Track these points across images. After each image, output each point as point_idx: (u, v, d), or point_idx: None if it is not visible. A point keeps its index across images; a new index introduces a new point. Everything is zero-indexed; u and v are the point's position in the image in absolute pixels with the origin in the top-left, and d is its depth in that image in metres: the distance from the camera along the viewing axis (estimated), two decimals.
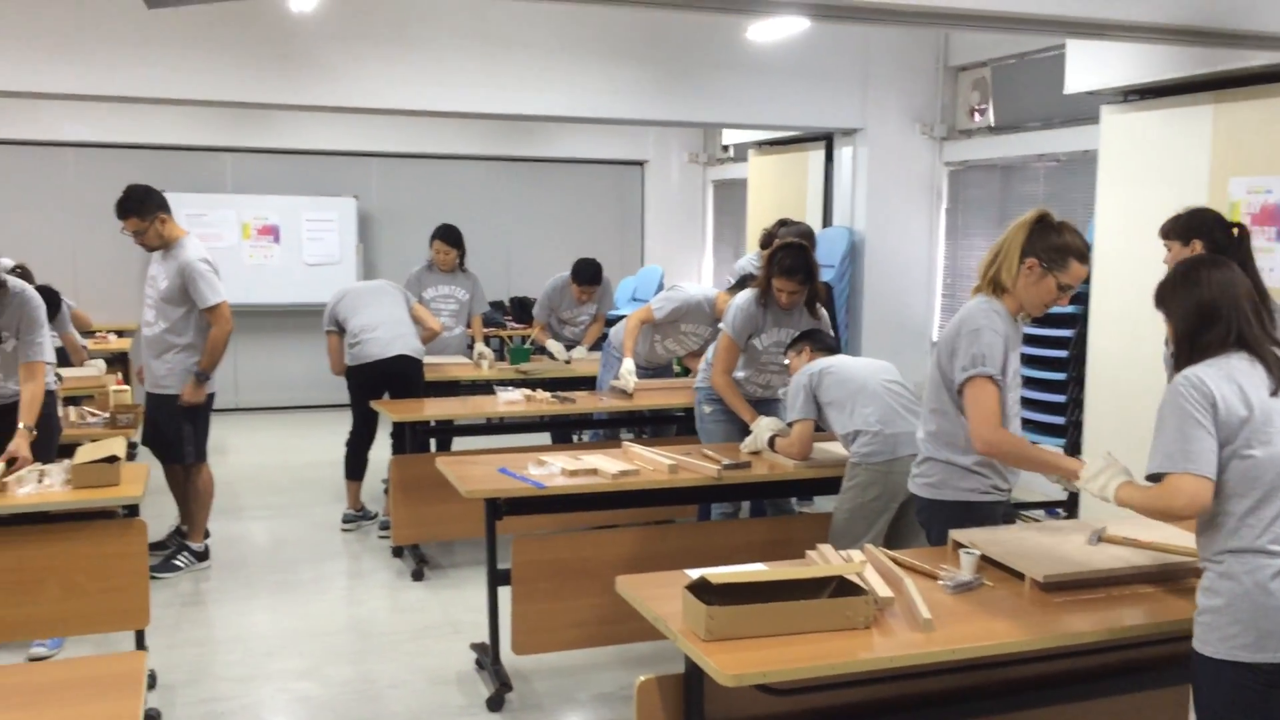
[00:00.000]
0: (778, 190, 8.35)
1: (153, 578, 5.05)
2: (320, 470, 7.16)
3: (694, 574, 2.74)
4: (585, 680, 4.08)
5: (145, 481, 3.75)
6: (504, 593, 3.90)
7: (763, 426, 4.27)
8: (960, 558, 2.79)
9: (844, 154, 7.51)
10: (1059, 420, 5.48)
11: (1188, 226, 3.79)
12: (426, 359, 6.00)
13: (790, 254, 4.44)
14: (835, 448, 4.18)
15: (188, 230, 5.26)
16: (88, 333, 7.18)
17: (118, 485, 3.61)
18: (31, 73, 5.89)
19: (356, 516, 6.00)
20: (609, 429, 6.10)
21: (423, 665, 4.20)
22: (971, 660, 2.55)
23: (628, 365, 5.41)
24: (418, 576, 5.19)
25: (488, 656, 4.03)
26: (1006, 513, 3.19)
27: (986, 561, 2.80)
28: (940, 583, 2.70)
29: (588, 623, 3.89)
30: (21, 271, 6.77)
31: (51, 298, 5.80)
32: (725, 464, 3.99)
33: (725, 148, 10.06)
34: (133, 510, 3.65)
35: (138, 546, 3.65)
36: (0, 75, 5.86)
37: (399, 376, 5.75)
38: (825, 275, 7.07)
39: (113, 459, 3.62)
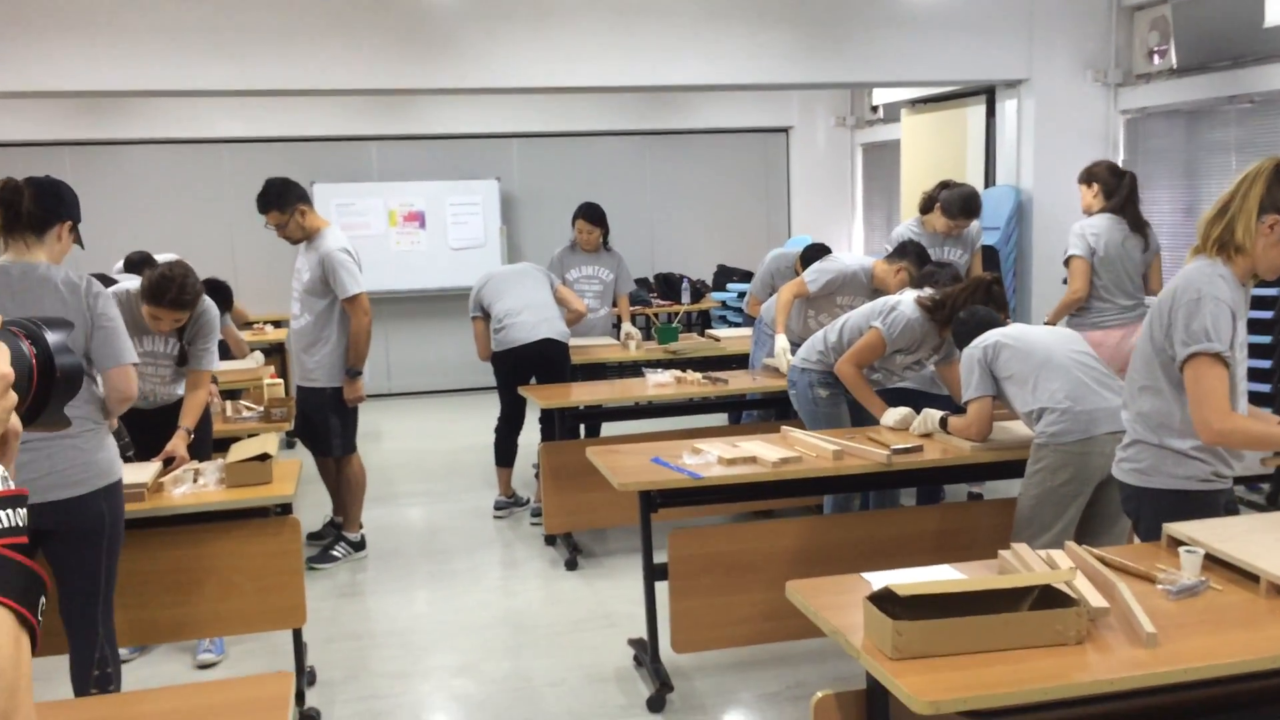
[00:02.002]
0: (934, 150, 7.89)
1: (310, 569, 5.11)
2: (473, 455, 7.14)
3: (872, 578, 2.49)
4: (749, 679, 3.86)
5: (297, 479, 3.69)
6: (662, 587, 3.71)
7: (899, 416, 4.01)
8: (1181, 557, 2.44)
9: (1007, 107, 7.02)
10: (1264, 388, 4.96)
11: (1090, 172, 5.23)
12: (572, 341, 5.87)
13: (999, 287, 4.11)
14: (1017, 427, 3.83)
15: (329, 221, 5.21)
16: (245, 325, 7.30)
17: (270, 483, 3.56)
18: (182, 72, 5.99)
19: (508, 503, 5.92)
20: (764, 410, 5.83)
21: (579, 661, 4.06)
22: (1202, 679, 2.22)
23: (781, 343, 5.14)
24: (571, 566, 5.06)
25: (646, 654, 3.85)
26: (1229, 502, 2.81)
27: (1212, 561, 2.45)
28: (1159, 587, 2.37)
29: (750, 619, 3.66)
30: (180, 262, 6.93)
31: (223, 291, 5.89)
32: (895, 448, 3.69)
33: (875, 108, 9.61)
34: (286, 508, 3.59)
35: (292, 545, 3.60)
36: (153, 75, 5.98)
37: (545, 361, 5.63)
38: (989, 238, 6.63)
39: (264, 457, 3.57)
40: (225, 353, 6.22)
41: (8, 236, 3.02)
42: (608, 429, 6.10)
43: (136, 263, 6.27)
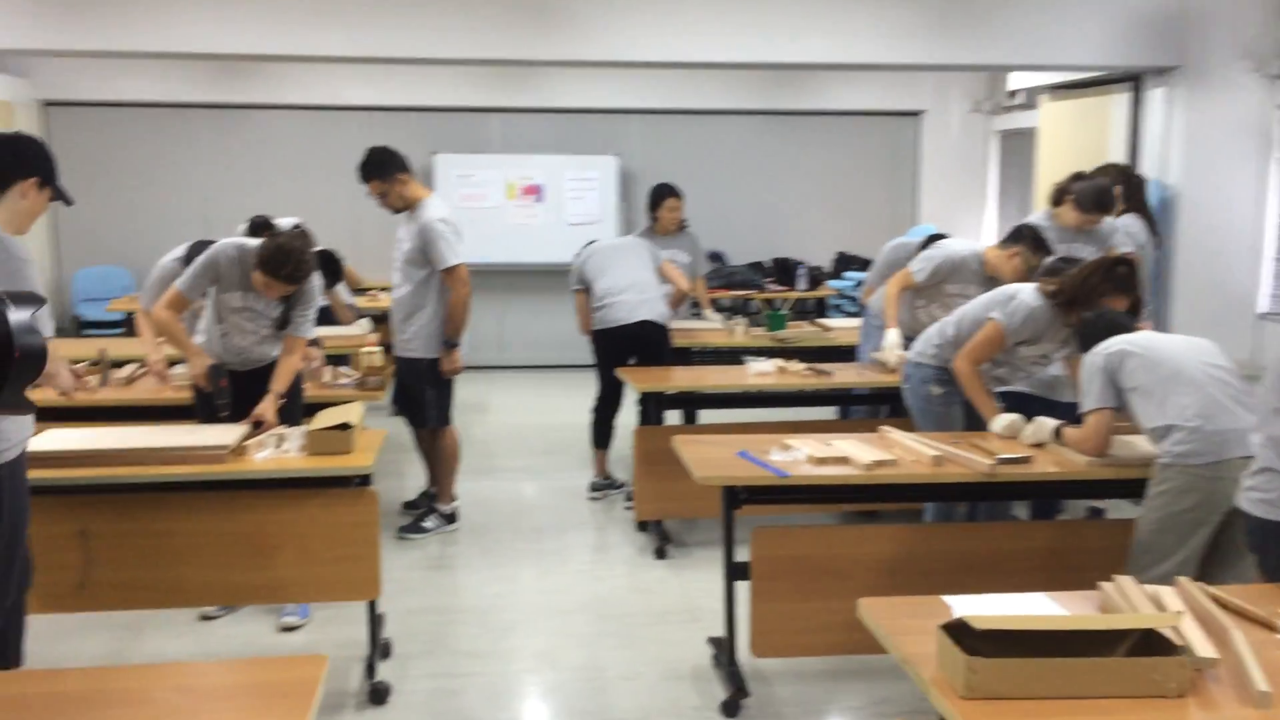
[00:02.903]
0: (1073, 140, 7.46)
1: (402, 538, 5.12)
2: (577, 432, 7.03)
3: (954, 602, 2.29)
4: (832, 690, 3.68)
5: (378, 450, 3.65)
6: (744, 587, 3.56)
7: (1008, 421, 3.75)
8: None
9: (1155, 96, 6.57)
10: None
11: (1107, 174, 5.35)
12: (676, 324, 5.73)
13: (1130, 270, 3.79)
14: (1140, 442, 3.54)
15: (432, 191, 5.18)
16: (359, 290, 7.37)
17: (349, 454, 3.53)
18: (304, 37, 6.05)
19: (603, 485, 5.83)
20: (871, 405, 5.59)
21: (657, 656, 3.94)
22: None
23: (892, 337, 4.90)
24: (660, 554, 4.94)
25: (724, 655, 3.70)
26: None
27: None
28: None
29: (834, 628, 3.47)
30: (300, 232, 7.01)
31: (333, 264, 5.93)
32: (1000, 457, 3.45)
33: (1013, 93, 9.15)
34: (365, 479, 3.56)
35: (368, 516, 3.56)
36: (279, 40, 6.06)
37: (644, 342, 5.50)
38: None
39: (345, 426, 3.53)
40: (329, 318, 6.30)
41: None
42: (706, 416, 5.95)
43: (259, 226, 6.36)
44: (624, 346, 5.53)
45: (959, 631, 1.97)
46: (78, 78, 8.83)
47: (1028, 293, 3.95)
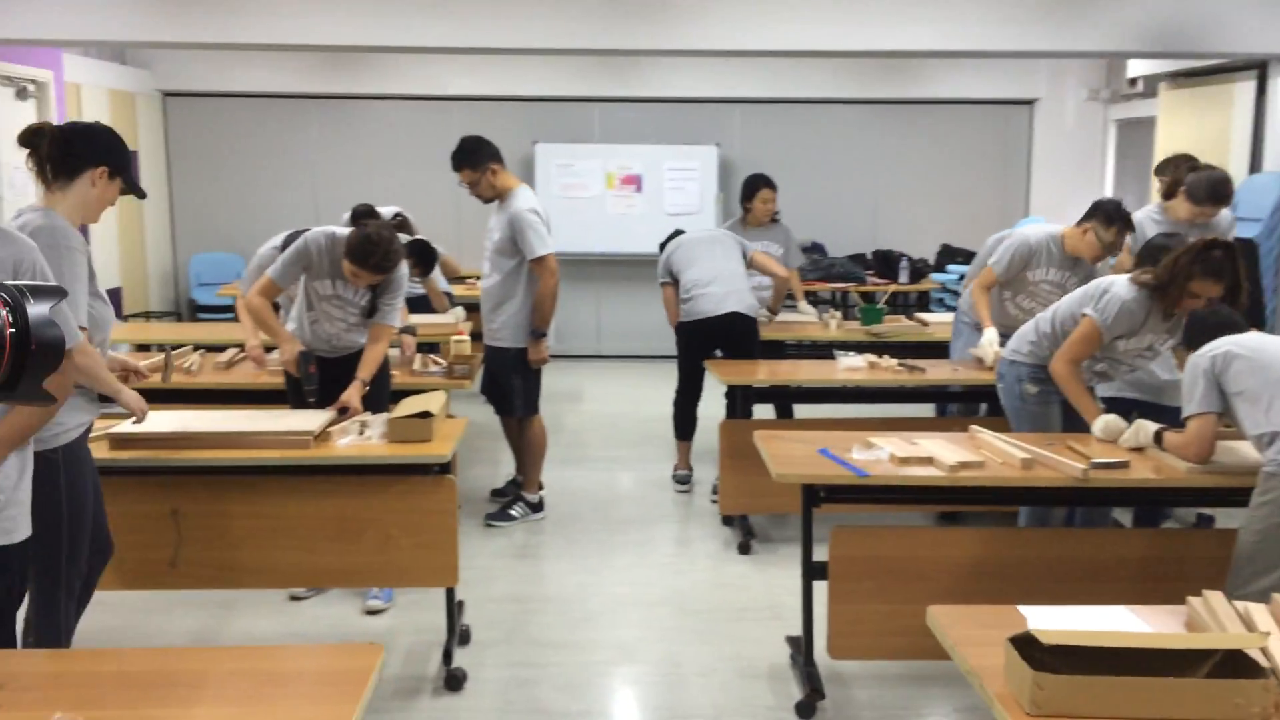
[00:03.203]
0: (1195, 129, 7.13)
1: (488, 525, 5.16)
2: (668, 424, 7.00)
3: (1030, 613, 2.19)
4: (912, 696, 3.58)
5: (458, 439, 3.68)
6: (822, 587, 3.48)
7: (1111, 424, 3.57)
8: None
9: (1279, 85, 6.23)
10: None
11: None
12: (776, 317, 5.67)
13: (1226, 254, 3.59)
14: (1246, 448, 3.35)
15: (523, 181, 5.19)
16: (457, 279, 7.46)
17: (429, 442, 3.56)
18: (410, 28, 6.13)
19: (688, 477, 5.80)
20: (965, 404, 5.43)
21: (735, 653, 3.89)
22: None
23: (989, 334, 4.74)
24: (744, 550, 4.88)
25: (801, 655, 3.63)
26: None
27: None
28: None
29: (914, 632, 3.34)
30: (400, 220, 7.12)
31: (427, 254, 6.01)
32: (1095, 462, 3.30)
33: (1132, 81, 8.77)
34: (445, 468, 3.59)
35: (447, 504, 3.59)
36: (383, 31, 6.15)
37: (731, 334, 5.44)
38: (1249, 230, 5.92)
39: (425, 415, 3.57)
40: (426, 306, 6.39)
41: (42, 186, 2.89)
42: (801, 411, 5.87)
43: (361, 215, 6.47)
44: (710, 339, 5.48)
45: (1027, 645, 1.88)
46: (195, 69, 9.14)
47: (1121, 285, 3.77)
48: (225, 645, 3.84)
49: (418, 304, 6.50)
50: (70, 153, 2.84)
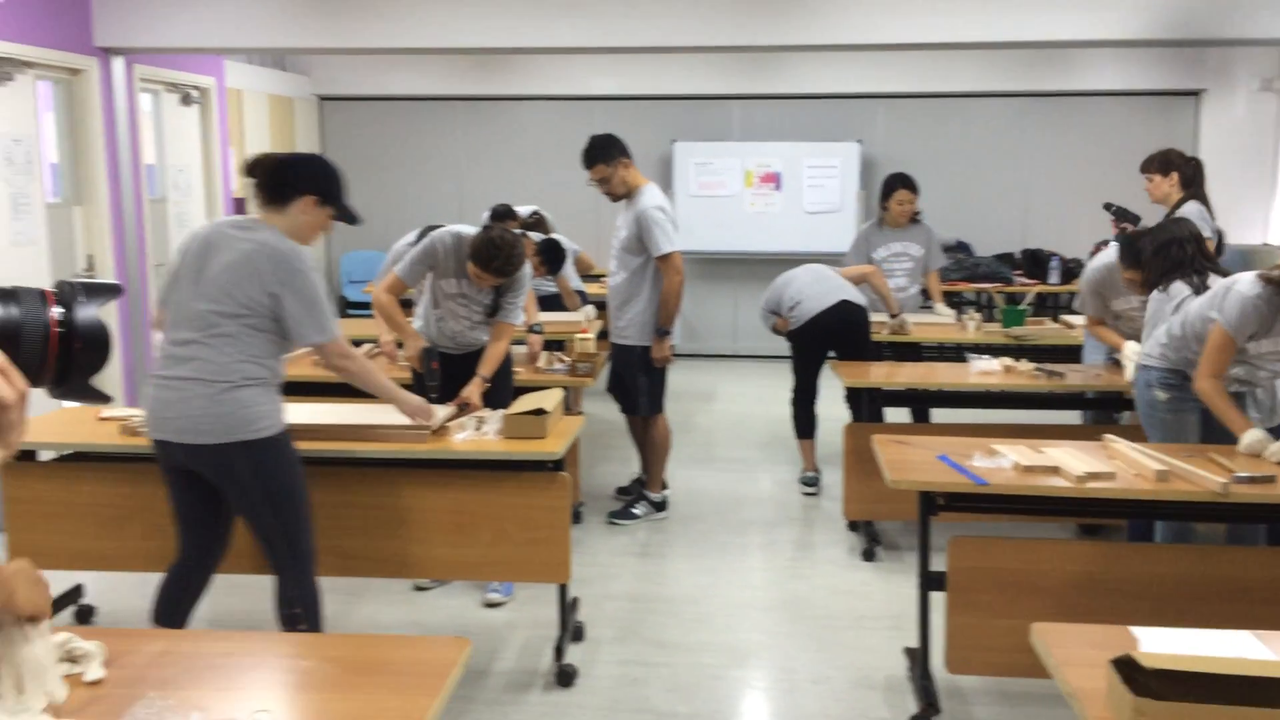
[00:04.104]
0: None
1: (611, 523, 5.18)
2: None
3: (1143, 634, 2.06)
4: (1034, 716, 3.42)
5: (572, 436, 3.70)
6: (940, 598, 3.37)
7: (1253, 437, 3.33)
8: None
9: None
10: None
11: (1167, 160, 5.14)
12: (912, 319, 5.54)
13: None
14: None
15: (650, 180, 5.19)
16: (592, 277, 7.53)
17: (543, 439, 3.59)
18: (552, 29, 6.20)
19: (814, 479, 5.70)
20: (1100, 411, 5.17)
21: (850, 662, 3.79)
22: None
23: (1131, 346, 4.50)
24: (868, 557, 4.77)
25: (917, 667, 3.52)
26: None
27: None
28: None
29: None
30: (537, 218, 7.26)
31: (555, 255, 6.09)
32: (1237, 475, 3.08)
33: None
34: (558, 465, 3.61)
35: (559, 501, 3.61)
36: (526, 33, 6.23)
37: (844, 327, 5.36)
38: None
39: (539, 412, 3.60)
40: (559, 304, 6.47)
41: (262, 207, 3.09)
42: (936, 415, 5.70)
43: (500, 215, 6.63)
44: (823, 338, 5.44)
45: (1132, 668, 1.76)
46: (349, 74, 9.49)
47: (1245, 282, 3.52)
48: (347, 632, 3.96)
49: (550, 301, 6.59)
50: (282, 181, 3.06)
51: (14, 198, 5.50)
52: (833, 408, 5.90)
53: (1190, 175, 5.16)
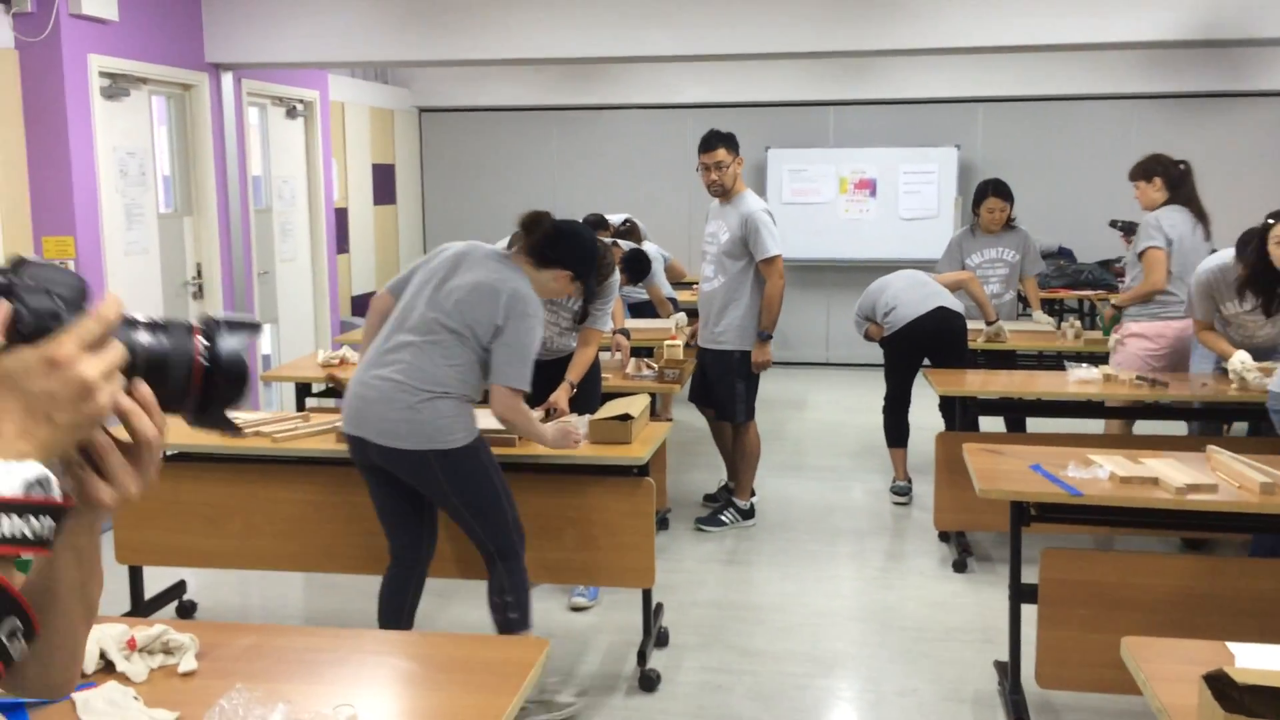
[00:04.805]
0: None
1: (698, 530, 5.18)
2: None
3: (1239, 650, 1.99)
4: None
5: (658, 443, 3.71)
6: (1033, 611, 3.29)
7: None
8: None
9: None
10: None
11: (1147, 167, 5.11)
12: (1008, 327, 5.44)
13: None
14: None
15: (750, 187, 5.18)
16: (683, 284, 7.54)
17: (629, 444, 3.61)
18: (644, 39, 6.24)
19: (906, 488, 5.61)
20: (1207, 421, 4.99)
21: (938, 674, 3.73)
22: None
23: (1240, 357, 4.34)
24: (959, 568, 4.68)
25: (1008, 681, 3.44)
26: None
27: None
28: None
29: None
30: (629, 226, 7.31)
31: (639, 266, 6.12)
32: None
33: None
34: (643, 470, 3.63)
35: (644, 506, 3.63)
36: (619, 42, 6.28)
37: (939, 334, 5.28)
38: None
39: (625, 418, 3.62)
40: (651, 311, 6.50)
41: (519, 253, 3.30)
42: (1032, 425, 5.56)
43: (592, 225, 6.70)
44: (918, 345, 5.36)
45: (1223, 684, 1.70)
46: (447, 86, 9.68)
47: None
48: (435, 631, 4.03)
49: (642, 308, 6.63)
50: (551, 249, 3.26)
51: (129, 208, 5.75)
52: (926, 416, 5.81)
53: (1176, 179, 5.11)
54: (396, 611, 3.32)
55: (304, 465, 3.83)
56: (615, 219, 7.31)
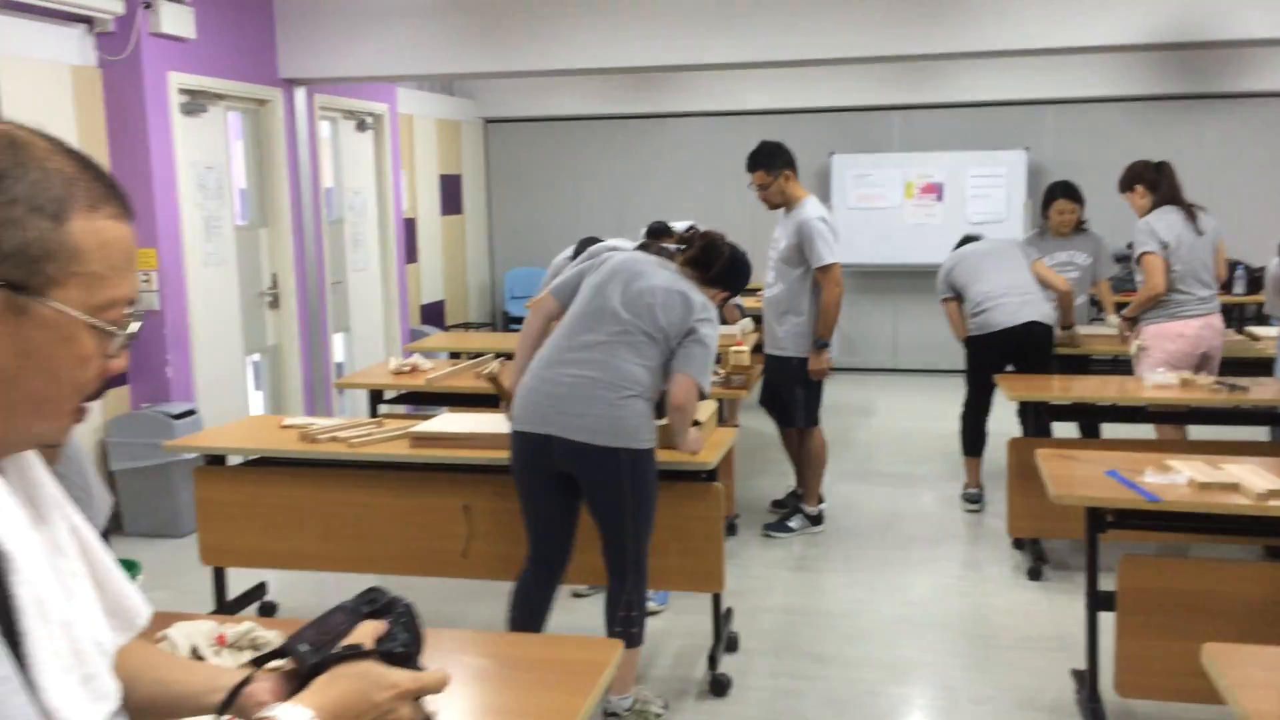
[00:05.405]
0: None
1: (766, 536, 5.18)
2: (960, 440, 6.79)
3: None
4: None
5: (725, 448, 3.72)
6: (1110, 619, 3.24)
7: None
8: None
9: None
10: None
11: (1125, 179, 5.27)
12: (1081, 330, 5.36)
13: None
14: None
15: (810, 193, 5.17)
16: (748, 290, 7.53)
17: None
18: (708, 46, 6.25)
19: (978, 495, 5.55)
20: None
21: (1015, 682, 3.68)
22: None
23: None
24: (1034, 575, 4.61)
25: (1085, 690, 3.39)
26: None
27: None
28: None
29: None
30: (693, 233, 7.31)
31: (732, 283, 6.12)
32: None
33: None
34: (711, 475, 3.64)
35: (713, 511, 3.64)
36: (682, 50, 6.31)
37: (1027, 345, 5.18)
38: None
39: (694, 423, 3.63)
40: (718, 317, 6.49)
41: (685, 264, 3.40)
42: (1107, 431, 5.48)
43: (656, 231, 6.72)
44: (1003, 351, 5.24)
45: None
46: (512, 97, 9.79)
47: None
48: (508, 632, 4.07)
49: None
50: (726, 275, 3.41)
51: (207, 221, 5.90)
52: (997, 423, 5.73)
53: (1153, 181, 5.13)
54: (534, 614, 3.34)
55: (379, 470, 3.91)
56: (679, 226, 7.31)
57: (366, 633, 1.16)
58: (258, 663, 1.22)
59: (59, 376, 0.95)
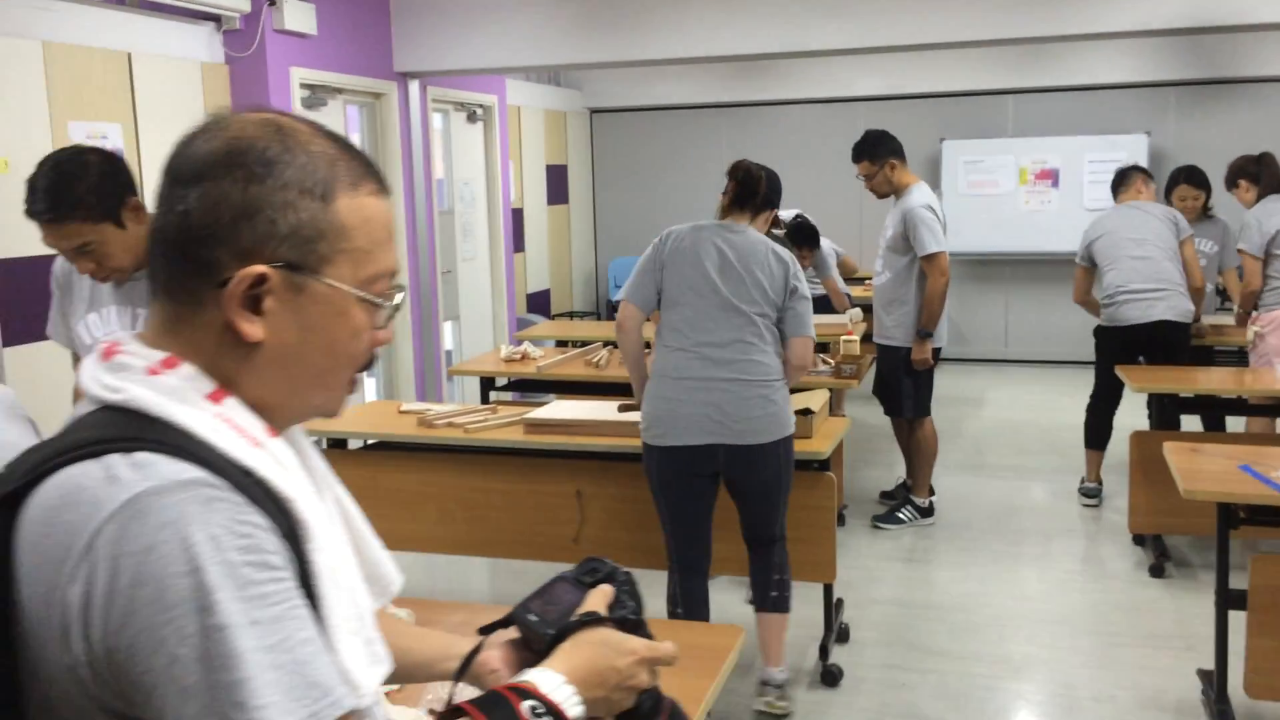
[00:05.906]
0: None
1: (876, 527, 5.13)
2: (1077, 433, 6.57)
3: None
4: None
5: (838, 438, 3.70)
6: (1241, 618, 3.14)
7: None
8: None
9: None
10: None
11: (1229, 178, 5.43)
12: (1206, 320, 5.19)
13: None
14: None
15: (923, 179, 5.09)
16: (855, 279, 7.46)
17: (809, 439, 3.60)
18: (814, 33, 6.19)
19: (1096, 490, 5.40)
20: None
21: (1136, 681, 3.59)
22: None
23: None
24: (1156, 572, 4.48)
25: (1213, 690, 3.28)
26: None
27: None
28: None
29: None
30: (800, 220, 7.27)
31: (806, 230, 6.13)
32: None
33: None
34: (824, 465, 3.62)
35: (826, 501, 3.62)
36: (788, 37, 6.26)
37: (1158, 343, 4.99)
38: None
39: (806, 412, 3.62)
40: (828, 306, 6.45)
41: (731, 209, 3.34)
42: (1233, 425, 5.29)
43: None
44: (1133, 346, 5.06)
45: None
46: (617, 87, 9.84)
47: None
48: None
49: (819, 303, 6.58)
50: (756, 192, 3.33)
51: None
52: (1121, 416, 5.55)
53: (1255, 174, 5.16)
54: (700, 607, 3.41)
55: (493, 455, 3.98)
56: (787, 214, 7.27)
57: (598, 601, 1.19)
58: (483, 631, 1.26)
59: (335, 350, 1.00)
